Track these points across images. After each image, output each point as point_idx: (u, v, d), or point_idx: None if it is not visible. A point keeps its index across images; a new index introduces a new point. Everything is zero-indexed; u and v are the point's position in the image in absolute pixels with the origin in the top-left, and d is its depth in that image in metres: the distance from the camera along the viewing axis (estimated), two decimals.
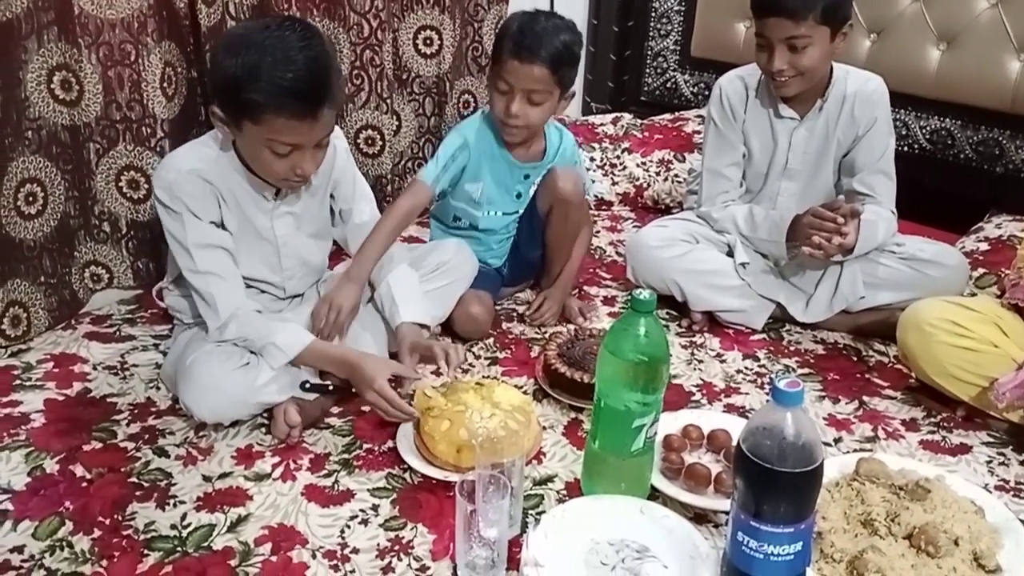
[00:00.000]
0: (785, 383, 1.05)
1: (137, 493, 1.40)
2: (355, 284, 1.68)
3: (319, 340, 1.58)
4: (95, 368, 1.73)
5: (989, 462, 1.55)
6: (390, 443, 1.53)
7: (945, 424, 1.66)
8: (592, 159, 2.66)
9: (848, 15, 1.83)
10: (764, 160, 2.00)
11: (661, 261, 1.97)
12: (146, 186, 1.86)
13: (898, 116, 2.45)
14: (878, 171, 1.92)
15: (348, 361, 1.54)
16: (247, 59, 1.37)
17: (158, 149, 1.83)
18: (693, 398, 1.73)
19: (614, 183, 2.67)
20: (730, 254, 1.99)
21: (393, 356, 1.66)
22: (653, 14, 2.87)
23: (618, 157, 2.68)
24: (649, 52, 2.91)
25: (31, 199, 1.72)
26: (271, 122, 1.40)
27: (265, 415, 1.58)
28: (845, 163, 1.95)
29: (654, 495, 1.39)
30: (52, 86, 1.70)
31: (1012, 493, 1.47)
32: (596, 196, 2.61)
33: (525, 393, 1.66)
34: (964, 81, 2.30)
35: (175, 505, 1.38)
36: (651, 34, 2.89)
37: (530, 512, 1.39)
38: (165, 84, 1.79)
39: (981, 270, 1.98)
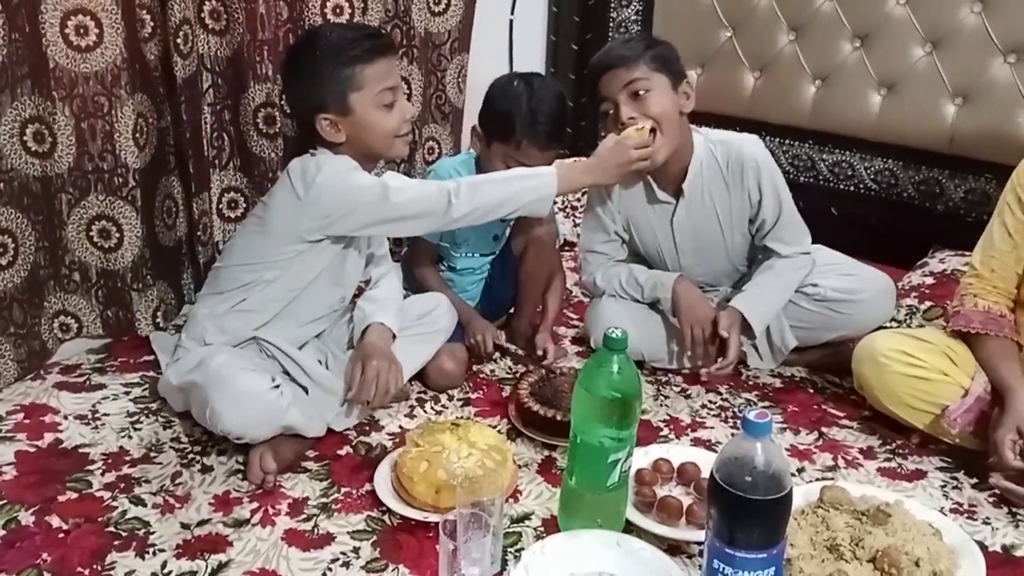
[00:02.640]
0: (754, 415, 1.10)
1: (115, 543, 1.40)
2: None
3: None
4: (66, 418, 1.72)
5: (943, 486, 1.62)
6: (368, 486, 1.54)
7: (900, 451, 1.73)
8: (553, 200, 2.71)
9: (682, 71, 1.82)
10: (655, 245, 1.99)
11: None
12: (117, 235, 1.87)
13: (844, 158, 2.56)
14: (782, 225, 1.92)
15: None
16: None
17: (129, 198, 1.84)
18: (661, 433, 1.78)
19: (575, 224, 2.74)
20: None
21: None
22: (611, 25, 2.91)
23: (579, 199, 2.75)
24: None
25: (2, 250, 1.72)
26: None
27: (240, 460, 1.59)
28: (754, 225, 1.94)
29: (629, 528, 1.43)
30: (25, 138, 1.71)
31: (966, 515, 1.54)
32: (562, 237, 2.68)
33: (499, 433, 1.70)
34: (904, 124, 2.42)
35: (155, 554, 1.38)
36: None
37: (509, 550, 1.41)
38: (137, 134, 1.82)
39: (928, 303, 2.08)
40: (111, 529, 1.43)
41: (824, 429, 1.80)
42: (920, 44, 2.38)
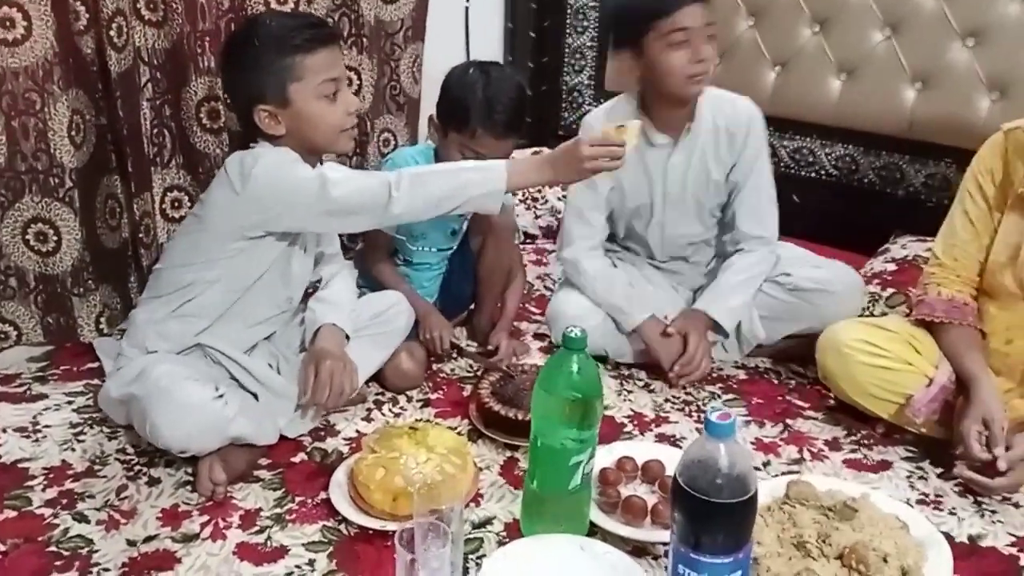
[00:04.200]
0: (717, 415, 1.07)
1: (57, 563, 1.33)
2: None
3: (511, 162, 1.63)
4: (4, 431, 1.64)
5: (909, 476, 1.61)
6: (323, 494, 1.49)
7: (865, 442, 1.72)
8: (513, 193, 2.67)
9: None
10: (641, 192, 1.95)
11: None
12: (55, 238, 1.78)
13: (804, 144, 2.55)
14: (754, 193, 1.94)
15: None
16: None
17: (66, 200, 1.76)
18: (625, 429, 1.75)
19: (536, 216, 2.69)
20: None
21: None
22: (567, 50, 2.92)
23: (539, 191, 2.71)
24: (564, 87, 2.96)
25: None
26: None
27: (189, 472, 1.53)
28: (727, 186, 1.95)
29: (593, 531, 1.40)
30: None
31: (932, 506, 1.53)
32: (521, 229, 2.63)
33: (459, 434, 1.65)
34: (864, 109, 2.41)
35: (99, 574, 1.32)
36: (565, 70, 2.94)
37: (471, 557, 1.37)
38: (73, 132, 1.73)
39: (890, 290, 2.07)
40: (52, 549, 1.36)
41: (789, 421, 1.78)
42: (879, 28, 2.36)
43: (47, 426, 1.66)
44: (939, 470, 1.62)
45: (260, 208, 1.55)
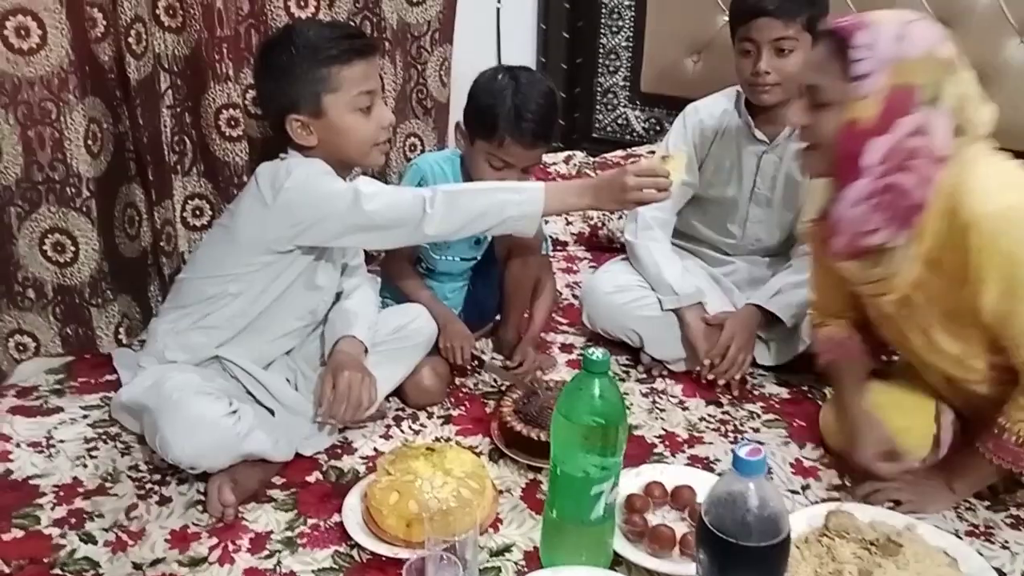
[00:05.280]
0: (746, 451, 0.99)
1: None
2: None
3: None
4: (18, 446, 1.61)
5: (957, 507, 1.50)
6: (336, 517, 1.43)
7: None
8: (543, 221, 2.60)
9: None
10: (731, 184, 1.96)
11: (616, 307, 1.91)
12: (72, 248, 1.76)
13: None
14: None
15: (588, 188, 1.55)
16: None
17: (84, 209, 1.73)
18: (655, 450, 1.66)
19: (568, 223, 2.62)
20: None
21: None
22: (601, 51, 2.85)
23: None
24: (599, 89, 2.89)
25: None
26: None
27: (201, 490, 1.49)
28: None
29: (617, 561, 1.32)
30: None
31: (983, 538, 1.43)
32: (551, 236, 2.56)
33: (480, 454, 1.58)
34: None
35: None
36: (600, 71, 2.87)
37: None
38: (90, 141, 1.70)
39: None
40: (57, 571, 1.33)
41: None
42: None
43: (61, 441, 1.63)
44: (986, 503, 1.50)
45: (291, 221, 1.51)
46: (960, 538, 1.39)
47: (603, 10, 2.80)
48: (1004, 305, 1.31)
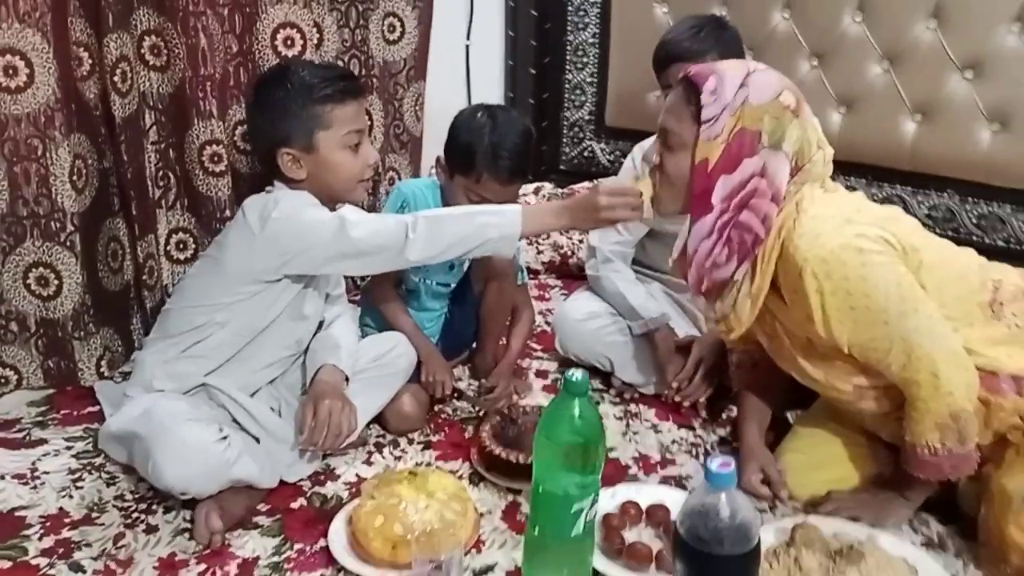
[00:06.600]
0: (717, 464, 1.05)
1: None
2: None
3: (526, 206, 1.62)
4: (3, 478, 1.62)
5: (910, 521, 1.56)
6: (322, 542, 1.47)
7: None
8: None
9: None
10: (678, 218, 1.99)
11: (587, 333, 1.98)
12: (56, 282, 1.79)
13: None
14: None
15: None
16: None
17: (68, 244, 1.76)
18: (630, 471, 1.73)
19: (539, 252, 2.69)
20: None
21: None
22: (567, 86, 2.93)
23: None
24: (565, 123, 2.97)
25: None
26: None
27: (188, 518, 1.51)
28: None
29: None
30: None
31: (939, 548, 1.50)
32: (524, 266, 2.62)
33: (460, 478, 1.63)
34: (864, 142, 2.41)
35: None
36: (566, 105, 2.95)
37: None
38: (75, 177, 1.74)
39: None
40: None
41: None
42: (877, 61, 2.37)
43: (46, 472, 1.65)
44: (937, 516, 1.57)
45: (278, 250, 1.56)
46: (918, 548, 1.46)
47: (568, 47, 2.88)
48: (859, 337, 1.41)
